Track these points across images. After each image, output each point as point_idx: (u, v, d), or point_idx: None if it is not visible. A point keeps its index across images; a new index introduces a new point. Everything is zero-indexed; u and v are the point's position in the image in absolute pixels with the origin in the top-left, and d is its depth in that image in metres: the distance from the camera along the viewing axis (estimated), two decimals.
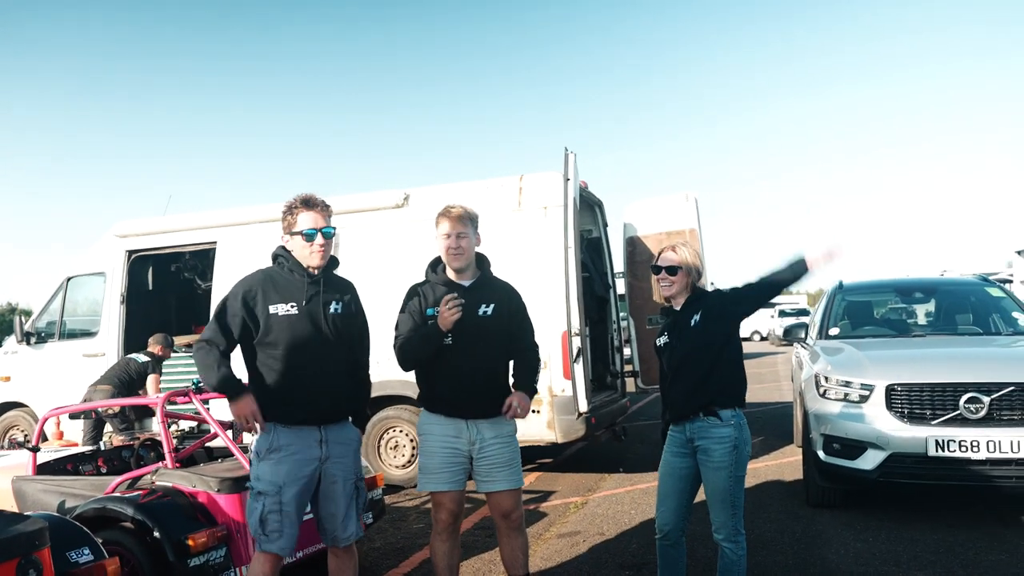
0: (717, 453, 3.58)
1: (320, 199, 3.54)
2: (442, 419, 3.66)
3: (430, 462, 3.66)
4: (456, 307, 3.48)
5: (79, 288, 9.12)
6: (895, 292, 7.69)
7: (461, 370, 3.59)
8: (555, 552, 5.27)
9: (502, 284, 3.83)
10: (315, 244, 3.44)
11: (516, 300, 3.82)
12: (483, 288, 3.72)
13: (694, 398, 3.63)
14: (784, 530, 5.47)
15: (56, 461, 4.92)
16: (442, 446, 3.64)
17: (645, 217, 8.51)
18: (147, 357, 7.95)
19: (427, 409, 3.74)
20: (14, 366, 9.17)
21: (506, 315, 3.71)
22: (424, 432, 3.72)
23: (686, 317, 3.70)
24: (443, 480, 3.63)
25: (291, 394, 3.37)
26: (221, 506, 4.07)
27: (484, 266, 3.81)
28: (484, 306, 3.66)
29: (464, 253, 3.67)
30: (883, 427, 5.35)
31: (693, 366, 3.65)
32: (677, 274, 3.71)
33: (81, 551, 3.29)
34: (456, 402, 3.63)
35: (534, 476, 7.77)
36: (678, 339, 3.72)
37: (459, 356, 3.59)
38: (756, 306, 3.72)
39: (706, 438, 3.61)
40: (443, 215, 3.69)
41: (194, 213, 8.69)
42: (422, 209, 7.58)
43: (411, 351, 3.64)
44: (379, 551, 5.46)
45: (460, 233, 3.65)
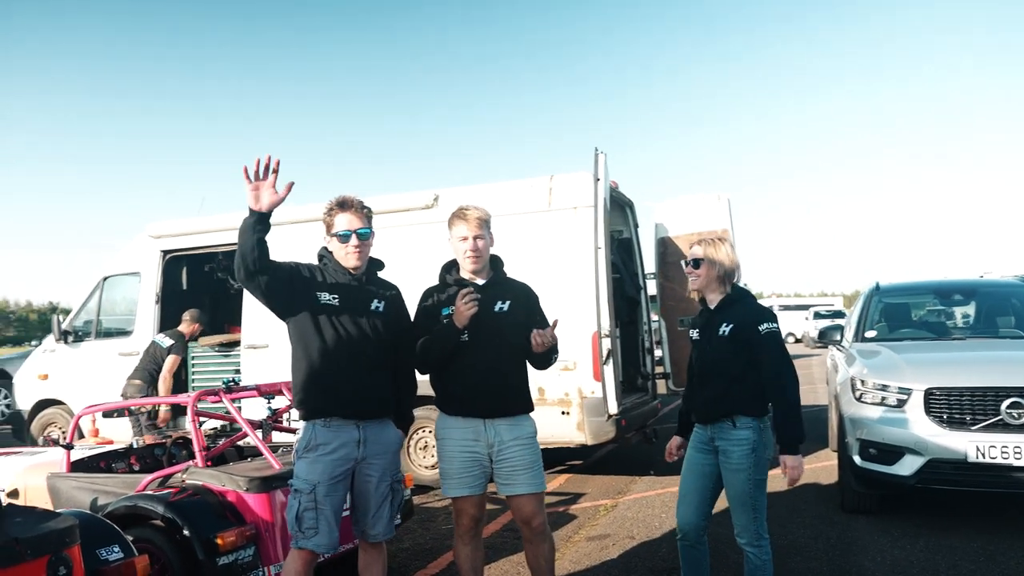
0: (735, 455, 3.54)
1: (356, 200, 3.55)
2: (459, 422, 3.60)
3: (449, 467, 3.62)
4: (472, 301, 3.44)
5: (115, 288, 9.26)
6: (933, 294, 7.52)
7: (477, 367, 3.54)
8: (584, 555, 5.23)
9: (517, 283, 3.79)
10: (349, 245, 3.46)
11: (532, 298, 3.77)
12: (498, 286, 3.69)
13: (718, 405, 3.59)
14: (818, 536, 5.37)
15: (90, 458, 4.98)
16: (460, 450, 3.59)
17: (676, 217, 8.43)
18: (171, 339, 7.87)
19: (444, 411, 3.68)
20: (52, 364, 9.33)
21: (523, 312, 3.66)
22: (442, 436, 3.67)
23: (717, 321, 3.63)
24: (464, 485, 3.59)
25: (330, 390, 3.38)
26: (250, 505, 4.09)
27: (498, 266, 3.77)
28: (500, 303, 3.61)
29: (482, 256, 3.64)
30: (921, 432, 5.23)
31: (718, 375, 3.60)
32: (700, 267, 3.65)
33: (111, 549, 3.31)
34: (473, 400, 3.57)
35: (564, 478, 7.72)
36: (708, 342, 3.67)
37: (475, 353, 3.53)
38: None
39: (725, 439, 3.58)
40: (459, 217, 3.65)
41: (226, 214, 8.76)
42: (452, 210, 7.57)
43: (428, 352, 3.60)
44: (408, 551, 5.46)
45: (477, 236, 3.61)
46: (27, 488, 4.79)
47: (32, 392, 9.38)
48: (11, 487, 4.85)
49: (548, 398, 6.90)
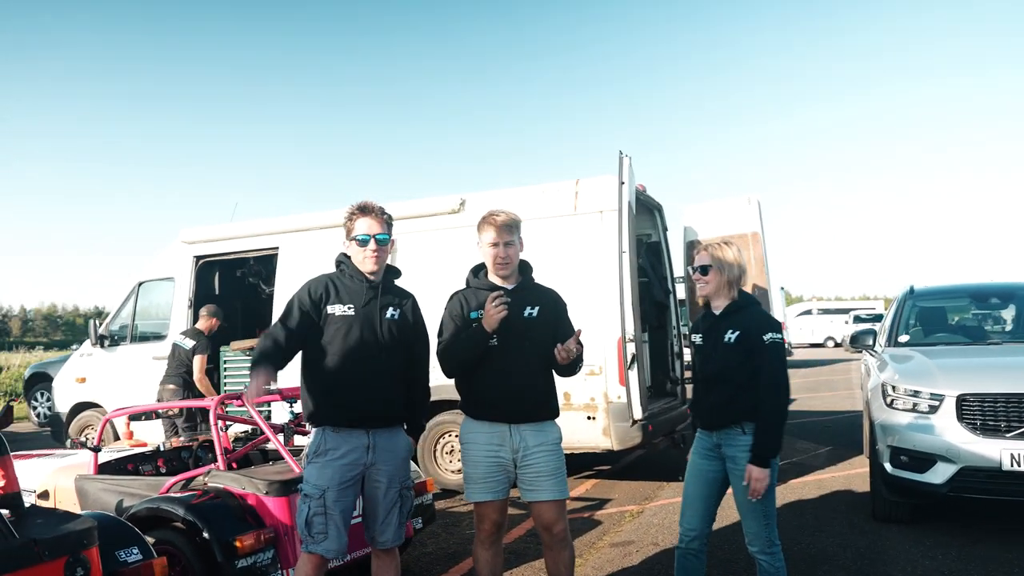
0: (744, 460, 3.49)
1: (377, 205, 3.58)
2: (485, 427, 3.58)
3: (474, 472, 3.60)
4: (502, 305, 3.42)
5: (150, 293, 9.43)
6: (969, 298, 7.33)
7: (506, 371, 3.52)
8: (606, 562, 5.18)
9: (546, 289, 3.77)
10: (368, 249, 3.48)
11: (561, 305, 3.75)
12: (527, 291, 3.67)
13: (724, 412, 3.56)
14: (847, 545, 5.26)
15: (118, 461, 5.06)
16: (485, 455, 3.57)
17: (706, 221, 8.32)
18: (192, 340, 7.87)
19: (469, 415, 3.66)
20: (89, 368, 9.52)
21: (552, 318, 3.65)
22: (467, 441, 3.65)
23: (723, 327, 3.59)
24: (487, 490, 3.57)
25: (340, 396, 3.40)
26: (269, 508, 4.12)
27: (526, 271, 3.75)
28: (529, 308, 3.60)
29: (511, 262, 3.62)
30: (953, 439, 5.10)
31: (725, 382, 3.56)
32: (708, 273, 3.60)
33: (130, 550, 3.35)
34: (500, 405, 3.54)
35: (591, 483, 7.68)
36: (713, 348, 3.62)
37: (504, 357, 3.51)
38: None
39: (733, 446, 3.54)
40: (488, 223, 3.63)
41: (257, 219, 8.90)
42: (478, 214, 7.55)
43: (456, 355, 3.58)
44: (431, 556, 5.46)
45: (507, 242, 3.59)
46: (57, 489, 4.88)
47: (70, 395, 9.59)
48: (42, 488, 4.95)
49: (574, 403, 6.86)
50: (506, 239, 3.59)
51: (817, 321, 37.09)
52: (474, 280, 3.75)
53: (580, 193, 7.22)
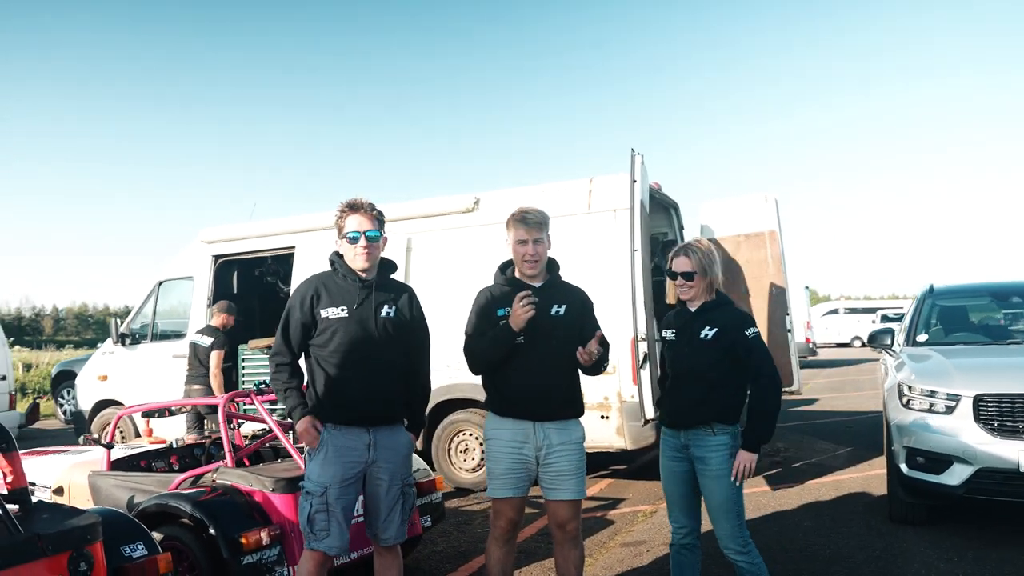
0: (714, 461, 3.50)
1: (367, 202, 3.56)
2: (509, 423, 3.58)
3: (496, 467, 3.60)
4: (529, 304, 3.40)
5: (170, 292, 9.53)
6: (991, 296, 7.19)
7: (532, 370, 3.51)
8: (616, 561, 5.16)
9: (574, 288, 3.76)
10: (358, 246, 3.47)
11: (588, 304, 3.73)
12: (554, 289, 3.66)
13: (696, 411, 3.55)
14: (863, 547, 5.19)
15: (131, 457, 5.12)
16: (508, 452, 3.57)
17: (722, 219, 8.27)
18: (210, 336, 7.90)
19: (495, 412, 3.66)
20: (111, 366, 9.64)
21: (578, 317, 3.63)
22: (491, 437, 3.65)
23: (698, 324, 3.58)
24: (507, 486, 3.57)
25: (340, 395, 3.41)
26: (276, 505, 4.14)
27: (554, 269, 3.73)
28: (557, 306, 3.58)
29: (540, 260, 3.61)
30: (970, 440, 5.02)
31: (697, 380, 3.55)
32: (694, 279, 3.60)
33: (135, 546, 3.37)
34: (526, 402, 3.54)
35: (605, 483, 7.65)
36: (687, 344, 3.60)
37: (530, 355, 3.50)
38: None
39: (701, 446, 3.53)
40: (518, 220, 3.60)
41: (274, 219, 8.95)
42: (492, 213, 7.58)
43: (482, 353, 3.59)
44: (441, 554, 5.46)
45: (536, 239, 3.57)
46: (71, 485, 4.95)
47: (92, 393, 9.72)
48: (56, 484, 5.02)
49: (588, 402, 6.76)
50: (535, 236, 3.57)
51: (844, 320, 36.65)
52: (501, 277, 3.73)
53: (594, 191, 7.19)
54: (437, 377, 7.19)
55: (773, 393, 3.53)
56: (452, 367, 7.34)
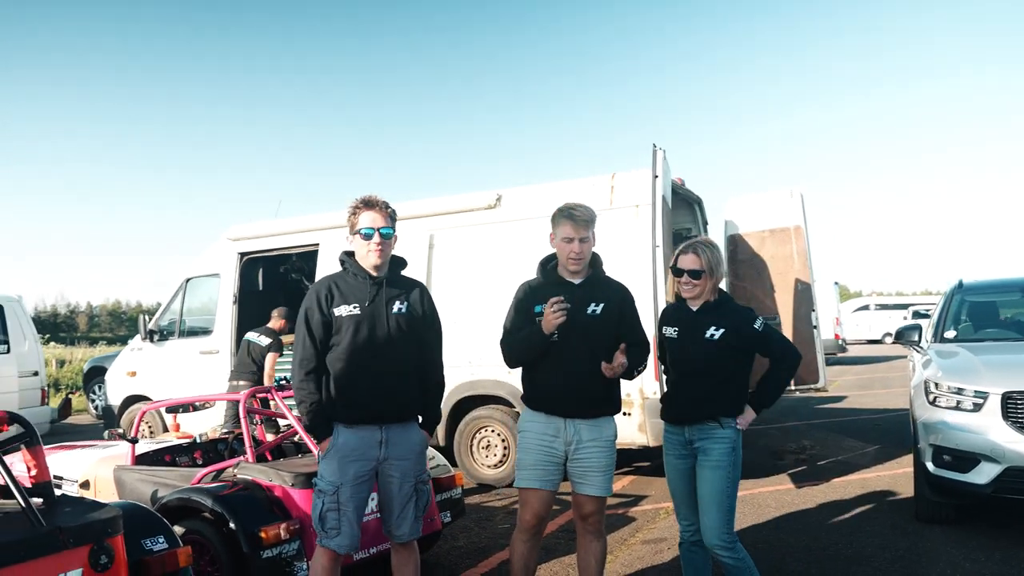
0: (716, 452, 3.52)
1: (381, 200, 3.56)
2: (542, 417, 3.61)
3: (525, 458, 3.64)
4: (560, 311, 3.40)
5: (197, 288, 9.64)
6: (1021, 292, 7.05)
7: (564, 368, 3.52)
8: (637, 559, 5.14)
9: (615, 284, 3.73)
10: (372, 243, 3.47)
11: (628, 302, 3.70)
12: (594, 287, 3.64)
13: (702, 408, 3.55)
14: (887, 546, 5.12)
15: (156, 452, 5.19)
16: (538, 444, 3.60)
17: (747, 214, 8.19)
18: (268, 338, 8.08)
19: (528, 406, 3.69)
20: (139, 362, 9.79)
21: (615, 316, 3.61)
22: (523, 429, 3.70)
23: (703, 323, 3.56)
24: (535, 478, 3.59)
25: (352, 394, 3.42)
26: (296, 500, 4.18)
27: (597, 264, 3.70)
28: (594, 305, 3.57)
29: (584, 258, 3.59)
30: (998, 438, 4.93)
31: (703, 378, 3.55)
32: (701, 278, 3.57)
33: (156, 539, 3.42)
34: (557, 399, 3.57)
35: (628, 480, 7.62)
36: (691, 342, 3.58)
37: (564, 353, 3.52)
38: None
39: (708, 439, 3.55)
40: (565, 216, 3.57)
41: (299, 217, 9.02)
42: (515, 209, 7.59)
43: (515, 351, 3.63)
44: (461, 550, 5.48)
45: (583, 238, 3.55)
46: (97, 479, 5.03)
47: (121, 388, 9.87)
48: (83, 478, 5.10)
49: None
50: (582, 235, 3.54)
51: (875, 317, 36.17)
52: (543, 272, 3.73)
53: (616, 187, 7.16)
54: (459, 373, 7.34)
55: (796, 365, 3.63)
56: (474, 363, 7.37)
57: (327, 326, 3.44)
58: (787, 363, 3.59)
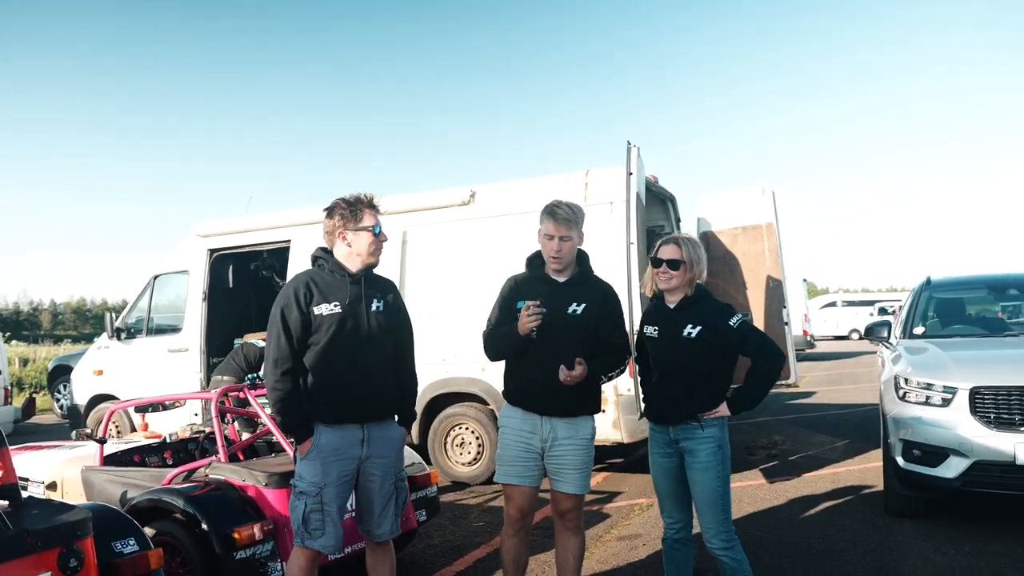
0: (703, 453, 3.49)
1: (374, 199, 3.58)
2: (519, 413, 3.62)
3: (504, 453, 3.65)
4: (535, 315, 3.40)
5: (165, 286, 9.49)
6: (988, 289, 7.17)
7: (543, 366, 3.51)
8: (612, 555, 5.14)
9: (600, 284, 3.72)
10: (378, 241, 3.49)
11: (611, 303, 3.68)
12: (578, 286, 3.63)
13: (681, 407, 3.53)
14: (859, 540, 5.18)
15: (124, 452, 5.09)
16: (516, 440, 3.61)
17: (719, 211, 8.24)
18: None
19: (508, 401, 3.71)
20: (106, 360, 9.60)
21: (596, 316, 3.60)
22: (502, 424, 3.71)
23: (681, 321, 3.55)
24: (514, 473, 3.61)
25: (334, 394, 3.38)
26: (269, 500, 4.12)
27: (584, 263, 3.70)
28: (575, 304, 3.57)
29: (564, 257, 3.58)
30: (967, 433, 5.01)
31: (683, 376, 3.53)
32: (679, 268, 3.55)
33: (126, 541, 3.35)
34: (533, 397, 3.57)
35: (602, 476, 7.63)
36: (670, 342, 3.56)
37: (542, 352, 3.51)
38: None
39: (690, 439, 3.53)
40: (548, 214, 3.57)
41: (270, 213, 8.92)
42: (489, 206, 7.56)
43: (494, 347, 3.66)
44: (436, 548, 5.45)
45: (564, 237, 3.54)
46: (64, 480, 4.92)
47: (88, 387, 9.68)
48: (50, 479, 4.99)
49: None
50: (562, 234, 3.54)
51: (842, 313, 36.67)
52: (529, 267, 3.73)
53: (590, 184, 7.16)
54: (433, 371, 7.30)
55: (780, 366, 3.56)
56: (448, 361, 7.34)
57: (305, 324, 3.37)
58: (767, 363, 3.51)
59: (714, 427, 3.51)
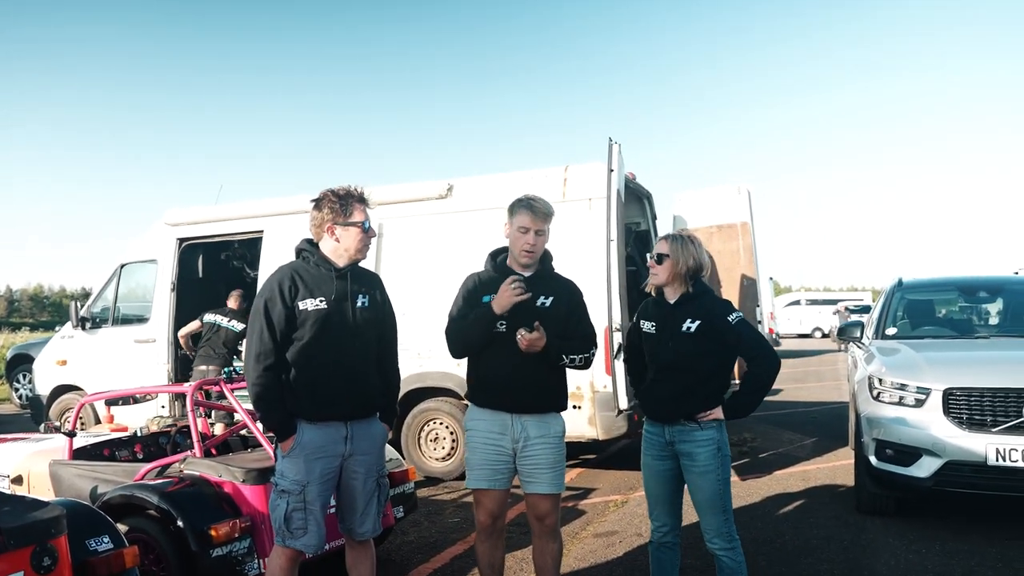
0: (702, 456, 3.46)
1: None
2: (487, 414, 3.54)
3: (472, 457, 3.58)
4: (518, 289, 3.35)
5: (132, 275, 9.29)
6: (958, 290, 7.29)
7: (511, 360, 3.45)
8: (589, 552, 5.14)
9: (564, 280, 3.69)
10: (367, 237, 3.43)
11: (576, 297, 3.66)
12: (544, 280, 3.59)
13: (680, 405, 3.49)
14: (831, 537, 5.24)
15: (93, 446, 4.97)
16: (484, 443, 3.54)
17: (696, 209, 8.29)
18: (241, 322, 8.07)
19: (474, 403, 3.63)
20: (70, 350, 9.38)
21: (564, 309, 3.57)
22: (469, 427, 3.62)
23: (679, 316, 3.52)
24: (483, 478, 3.54)
25: (318, 390, 3.31)
26: (246, 497, 4.04)
27: (546, 260, 3.66)
28: (543, 298, 3.53)
29: (537, 251, 3.54)
30: (939, 433, 5.08)
31: (681, 373, 3.49)
32: (663, 263, 3.52)
33: (101, 539, 3.26)
34: (504, 393, 3.50)
35: (576, 472, 7.63)
36: (669, 337, 3.52)
37: (511, 345, 3.43)
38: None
39: (688, 441, 3.49)
40: (523, 206, 3.51)
41: (242, 202, 8.77)
42: (466, 200, 7.51)
43: (461, 334, 3.53)
44: (412, 544, 5.40)
45: (539, 231, 3.50)
46: (31, 474, 4.79)
47: (50, 377, 9.45)
48: (15, 473, 4.86)
49: None
50: (539, 227, 3.50)
51: (805, 312, 37.23)
52: (491, 264, 3.67)
53: (569, 180, 7.14)
54: (408, 365, 7.21)
55: (774, 369, 3.49)
56: (423, 355, 7.28)
57: (290, 319, 3.29)
58: (762, 364, 3.48)
59: (712, 428, 3.47)
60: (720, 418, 3.48)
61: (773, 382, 3.53)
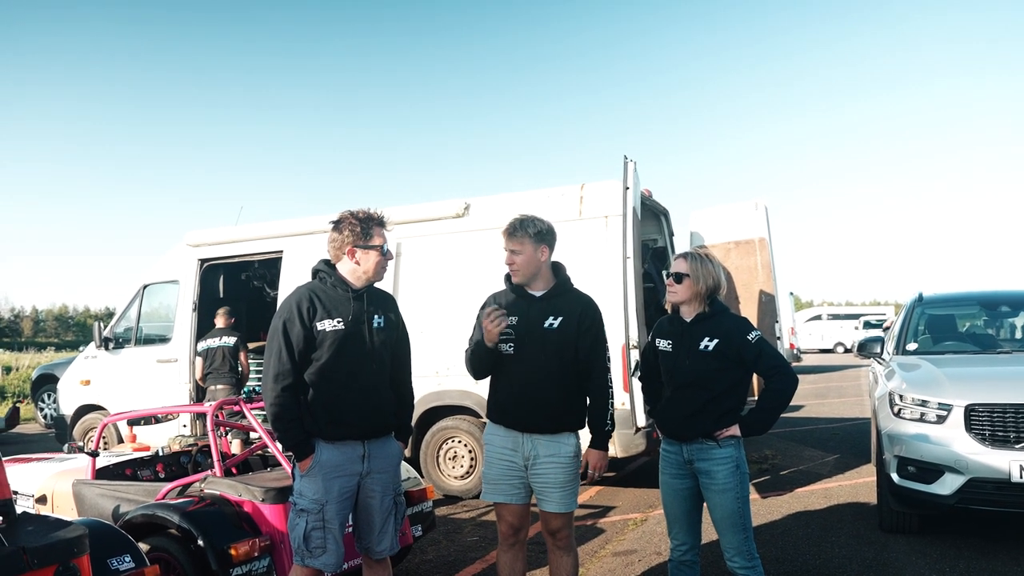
0: (721, 475, 3.46)
1: None
2: (502, 431, 3.60)
3: (488, 471, 3.64)
4: (497, 318, 3.39)
5: (154, 295, 9.41)
6: (979, 305, 7.21)
7: (520, 381, 3.51)
8: (608, 571, 5.12)
9: (579, 297, 3.66)
10: (386, 260, 3.48)
11: (590, 316, 3.62)
12: (555, 299, 3.59)
13: (696, 423, 3.49)
14: (853, 556, 5.18)
15: (116, 466, 5.03)
16: (499, 458, 3.60)
17: (713, 226, 8.28)
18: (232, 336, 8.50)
19: (490, 419, 3.70)
20: (94, 370, 9.50)
21: (574, 330, 3.55)
22: (486, 442, 3.70)
23: (696, 335, 3.52)
24: (500, 492, 3.59)
25: (336, 410, 3.34)
26: (266, 516, 4.08)
27: (560, 276, 3.66)
28: (552, 318, 3.54)
29: (520, 269, 3.56)
30: (962, 450, 5.02)
31: (698, 391, 3.49)
32: (683, 282, 3.53)
33: (123, 558, 3.31)
34: (512, 413, 3.55)
35: (595, 490, 7.61)
36: (686, 355, 3.53)
37: (518, 367, 3.50)
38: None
39: (707, 460, 3.48)
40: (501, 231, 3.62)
41: (261, 223, 8.87)
42: (483, 219, 7.55)
43: (469, 362, 3.66)
44: (431, 563, 5.41)
45: (514, 250, 3.54)
46: (54, 494, 4.85)
47: (75, 397, 9.57)
48: (40, 493, 4.92)
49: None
50: (512, 247, 3.54)
51: (827, 327, 36.88)
52: (508, 284, 3.70)
53: (585, 198, 7.16)
54: (426, 384, 7.26)
55: (791, 386, 3.49)
56: (441, 374, 7.31)
57: (308, 339, 3.32)
58: (779, 383, 3.47)
59: (731, 446, 3.46)
60: (737, 435, 3.47)
61: (791, 399, 3.53)
